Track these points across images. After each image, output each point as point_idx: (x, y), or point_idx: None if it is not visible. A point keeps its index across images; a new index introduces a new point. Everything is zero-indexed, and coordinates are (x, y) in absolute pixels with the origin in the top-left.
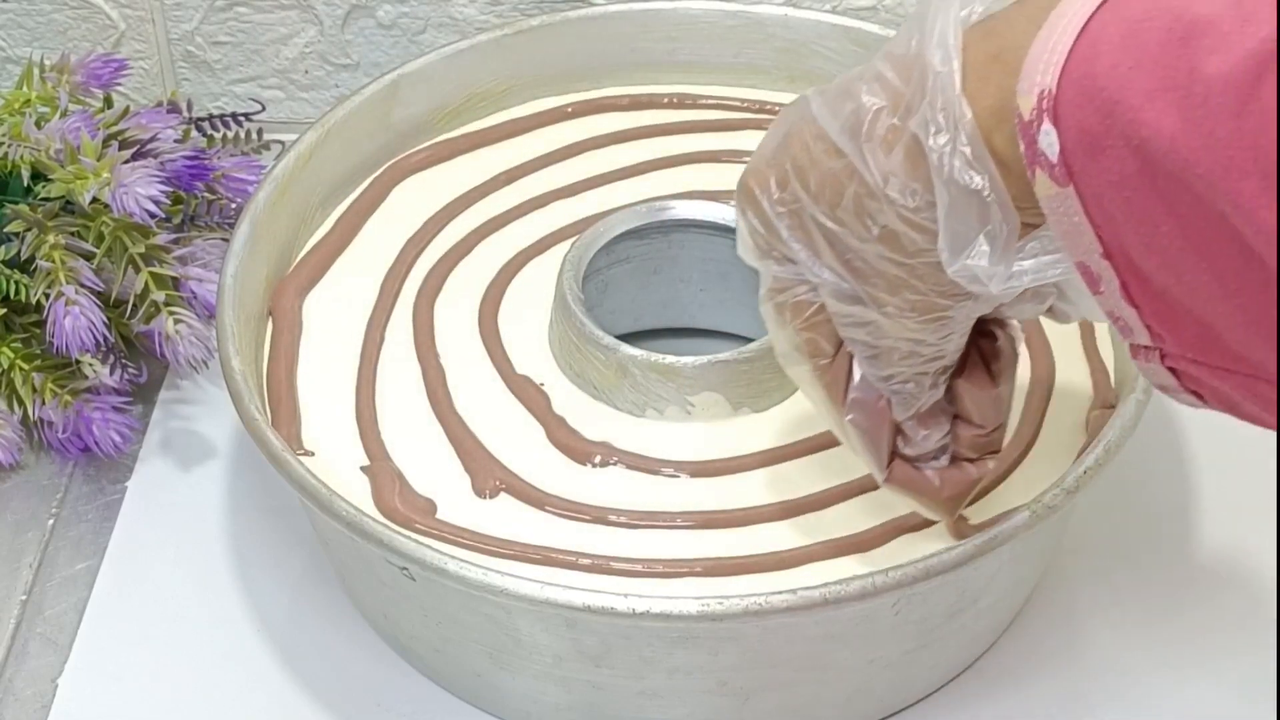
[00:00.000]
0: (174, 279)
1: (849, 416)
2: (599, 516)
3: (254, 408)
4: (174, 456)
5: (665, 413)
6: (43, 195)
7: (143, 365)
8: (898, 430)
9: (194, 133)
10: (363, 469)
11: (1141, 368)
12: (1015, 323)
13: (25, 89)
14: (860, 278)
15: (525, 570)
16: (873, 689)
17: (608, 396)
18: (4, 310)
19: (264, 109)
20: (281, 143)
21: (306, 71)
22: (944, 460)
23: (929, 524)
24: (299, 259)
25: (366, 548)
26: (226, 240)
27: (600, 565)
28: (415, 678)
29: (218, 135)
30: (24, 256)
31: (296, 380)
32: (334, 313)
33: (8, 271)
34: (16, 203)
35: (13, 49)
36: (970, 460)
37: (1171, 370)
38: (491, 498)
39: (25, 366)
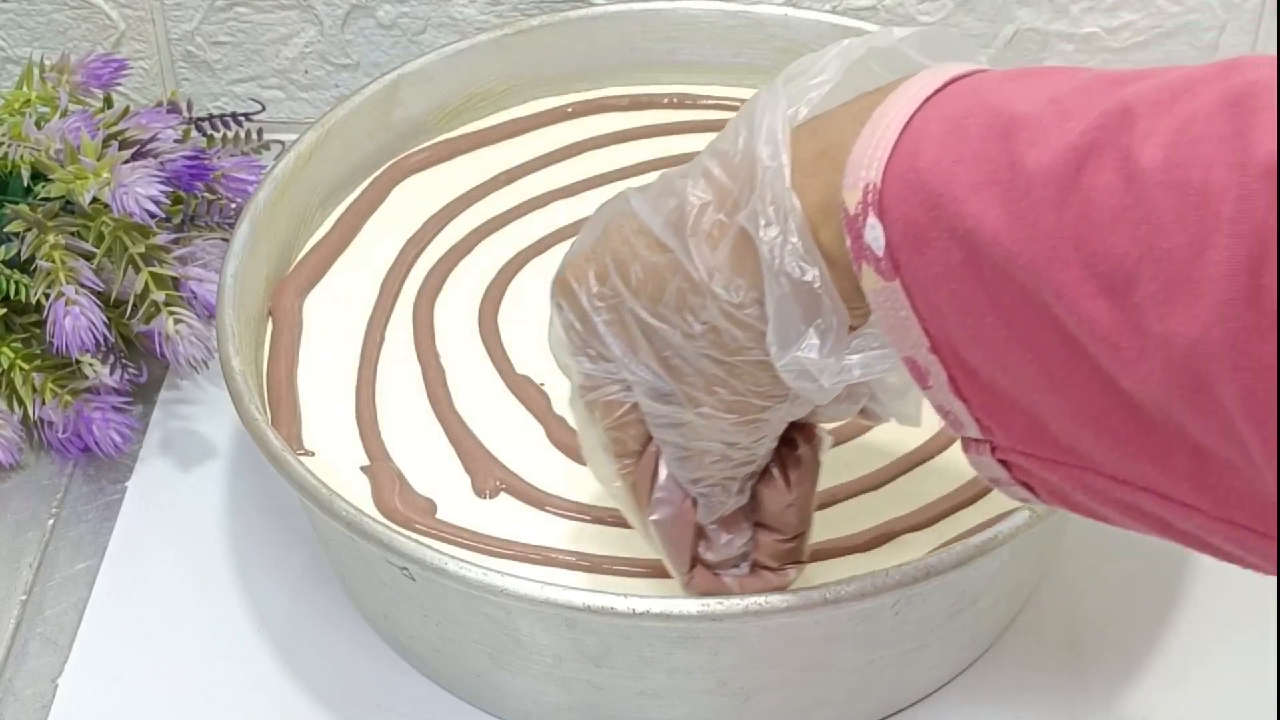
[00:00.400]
0: (174, 279)
1: (653, 516)
2: (599, 516)
3: (254, 408)
4: (174, 456)
5: None
6: (43, 195)
7: (143, 365)
8: (700, 534)
9: (194, 133)
10: (363, 469)
11: (972, 461)
12: (822, 431)
13: (25, 89)
14: (677, 376)
15: (525, 570)
16: (873, 689)
17: None
18: (4, 310)
19: (264, 109)
20: (281, 143)
21: (306, 71)
22: (745, 568)
23: (929, 524)
24: (299, 259)
25: (366, 548)
26: (226, 240)
27: (600, 565)
28: (415, 678)
29: (218, 135)
30: (24, 256)
31: (296, 380)
32: (334, 313)
33: (8, 271)
34: (16, 203)
35: (13, 49)
36: (771, 569)
37: (1003, 463)
38: (491, 498)
39: (25, 366)
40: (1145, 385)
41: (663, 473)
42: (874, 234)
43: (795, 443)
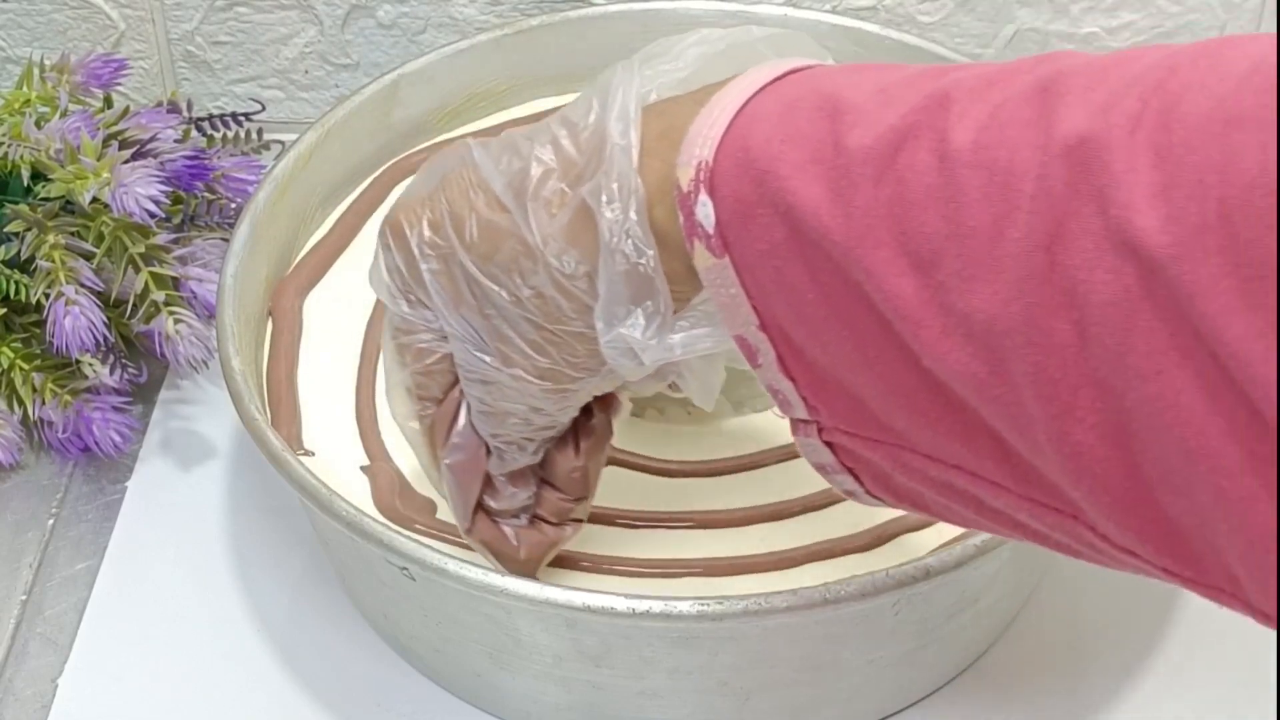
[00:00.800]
0: (174, 279)
1: (447, 460)
2: (599, 516)
3: (254, 408)
4: (174, 456)
5: (665, 413)
6: (43, 195)
7: (143, 365)
8: (487, 481)
9: (194, 133)
10: (363, 469)
11: (799, 445)
12: (622, 397)
13: (25, 89)
14: (495, 336)
15: None
16: (873, 689)
17: None
18: (4, 310)
19: (264, 109)
20: (281, 143)
21: (306, 71)
22: (523, 520)
23: (929, 524)
24: (299, 259)
25: (366, 548)
26: (226, 240)
27: (600, 565)
28: (415, 678)
29: (218, 135)
30: (24, 256)
31: (296, 380)
32: (334, 313)
33: (8, 271)
34: (16, 203)
35: (13, 49)
36: (551, 524)
37: (828, 445)
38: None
39: (25, 366)
40: (944, 364)
41: (461, 419)
42: (705, 211)
43: (591, 411)
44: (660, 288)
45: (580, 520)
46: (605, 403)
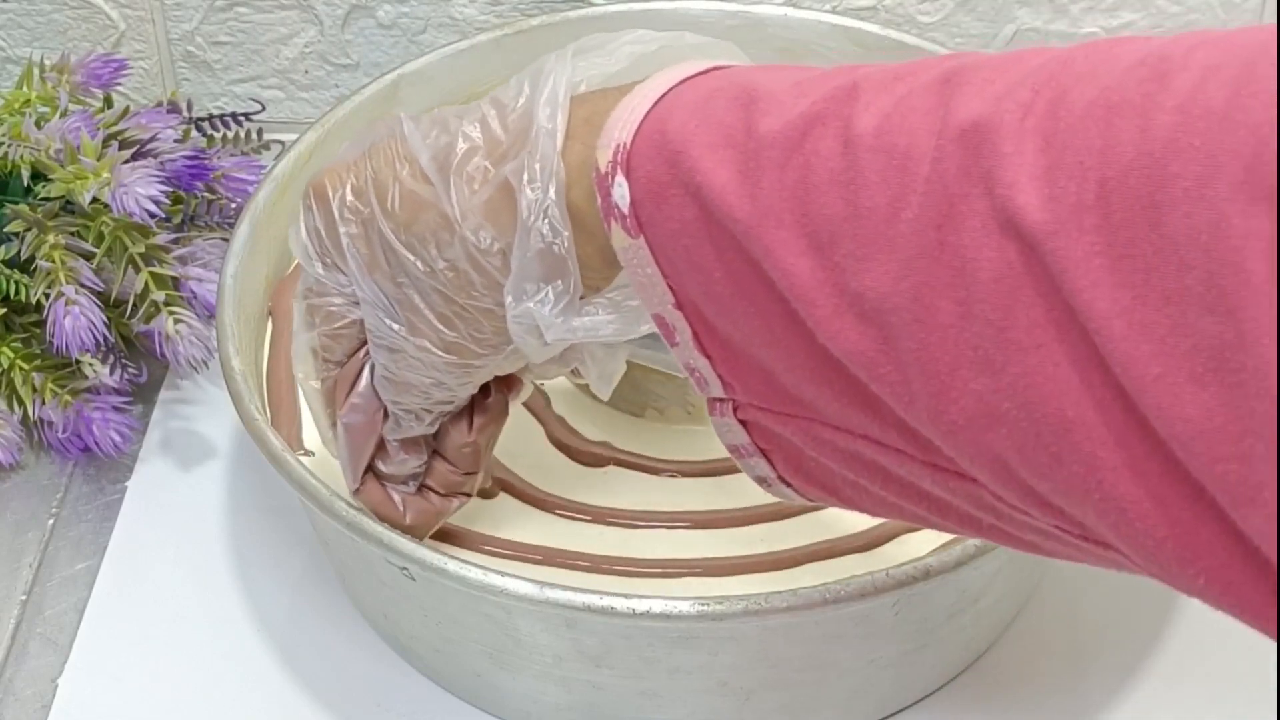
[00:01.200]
0: (174, 279)
1: (345, 419)
2: (599, 516)
3: (254, 408)
4: (174, 456)
5: (665, 413)
6: (43, 195)
7: (143, 365)
8: (380, 445)
9: (194, 133)
10: None
11: (716, 425)
12: (528, 379)
13: (25, 89)
14: (406, 305)
15: (525, 570)
16: (873, 689)
17: None
18: (4, 310)
19: (264, 109)
20: (281, 143)
21: (306, 71)
22: (412, 487)
23: None
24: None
25: (366, 548)
26: (226, 240)
27: (600, 565)
28: (415, 678)
29: (218, 135)
30: (24, 256)
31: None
32: None
33: (8, 271)
34: (16, 203)
35: (13, 49)
36: (438, 494)
37: (743, 425)
38: (491, 498)
39: (25, 366)
40: (836, 343)
41: (363, 381)
42: (620, 191)
43: (489, 390)
44: (572, 269)
45: (468, 494)
46: (506, 383)
